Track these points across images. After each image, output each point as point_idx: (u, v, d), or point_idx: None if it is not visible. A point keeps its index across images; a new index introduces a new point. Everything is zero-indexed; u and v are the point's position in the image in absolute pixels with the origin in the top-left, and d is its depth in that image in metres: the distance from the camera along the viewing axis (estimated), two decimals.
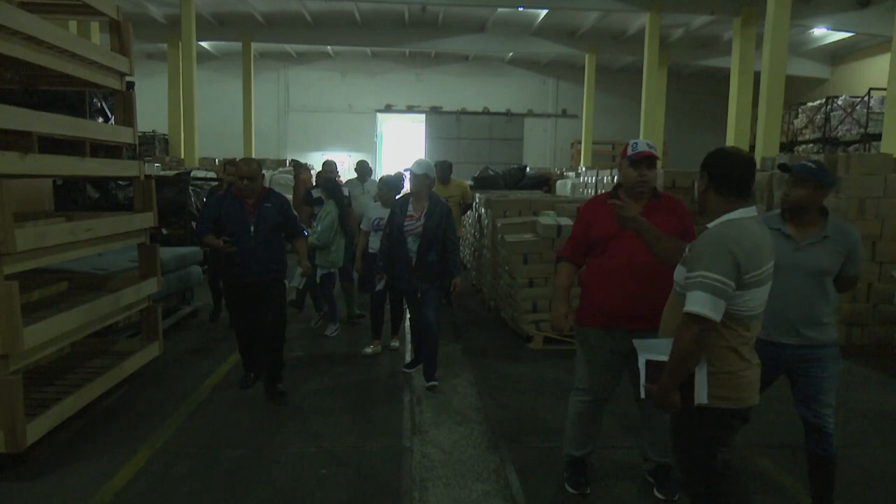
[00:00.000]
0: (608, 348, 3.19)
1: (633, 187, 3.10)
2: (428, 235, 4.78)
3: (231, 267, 4.59)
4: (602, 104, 23.43)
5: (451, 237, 4.88)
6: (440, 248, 4.85)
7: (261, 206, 4.57)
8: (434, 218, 4.79)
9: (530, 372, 5.38)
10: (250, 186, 4.50)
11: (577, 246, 3.27)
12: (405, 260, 4.84)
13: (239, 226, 4.52)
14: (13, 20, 3.27)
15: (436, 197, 4.92)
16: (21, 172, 3.50)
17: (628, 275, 3.04)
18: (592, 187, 13.35)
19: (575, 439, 3.38)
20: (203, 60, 20.51)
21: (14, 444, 3.31)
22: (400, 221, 4.85)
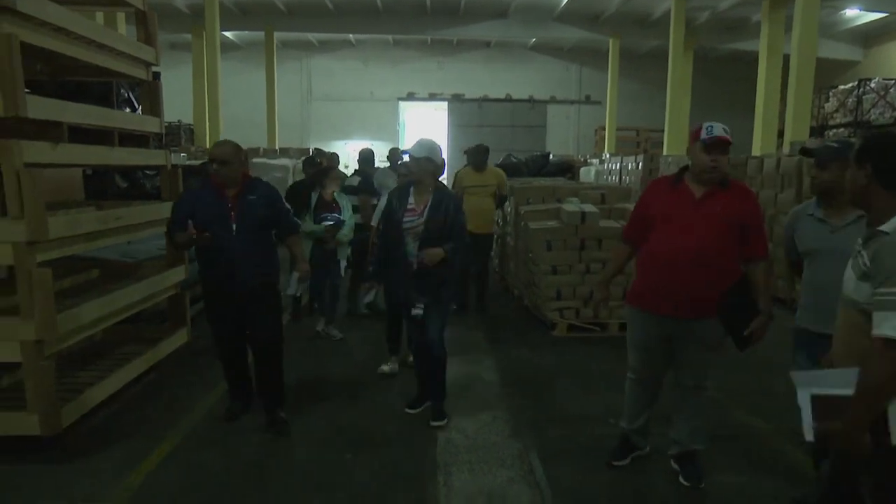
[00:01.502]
0: (651, 331, 3.17)
1: (703, 173, 2.98)
2: (431, 236, 3.82)
3: (211, 272, 3.82)
4: (626, 90, 23.09)
5: (458, 234, 3.89)
6: None
7: (243, 199, 3.73)
8: (440, 214, 3.83)
9: (553, 359, 5.37)
10: (221, 172, 3.68)
11: (634, 227, 3.26)
12: (403, 266, 3.90)
13: (218, 223, 3.67)
14: (43, 12, 3.33)
15: (442, 188, 4.01)
16: (52, 162, 3.57)
17: (678, 260, 2.96)
18: (616, 174, 13.24)
19: (626, 412, 3.47)
20: (227, 50, 20.62)
21: (49, 427, 3.40)
22: (398, 216, 3.90)
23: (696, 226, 2.94)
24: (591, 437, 3.85)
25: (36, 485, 3.25)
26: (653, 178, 10.59)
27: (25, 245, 3.22)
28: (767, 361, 4.42)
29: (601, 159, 15.71)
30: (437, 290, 3.89)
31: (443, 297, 3.92)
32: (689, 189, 3.02)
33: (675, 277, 2.97)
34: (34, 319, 3.31)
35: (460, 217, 3.93)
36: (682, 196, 3.02)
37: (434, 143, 3.95)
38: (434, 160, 3.89)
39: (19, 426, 3.42)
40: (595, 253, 6.07)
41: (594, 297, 3.31)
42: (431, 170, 3.90)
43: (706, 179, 2.97)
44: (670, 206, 3.02)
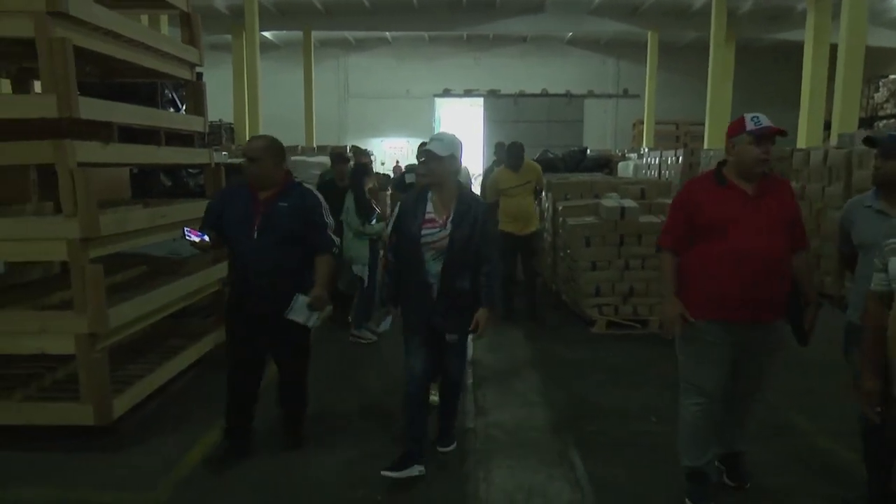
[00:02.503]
0: (726, 343, 2.86)
1: (753, 167, 2.77)
2: (457, 252, 3.16)
3: (234, 281, 3.48)
4: (665, 83, 22.70)
5: (488, 252, 3.24)
6: (472, 272, 3.24)
7: (274, 205, 3.27)
8: (465, 224, 3.16)
9: (593, 356, 5.32)
10: (250, 169, 3.27)
11: (681, 234, 2.92)
12: (422, 288, 3.22)
13: (240, 227, 3.27)
14: (94, 16, 3.43)
15: (467, 193, 3.33)
16: (103, 161, 3.69)
17: (754, 262, 2.74)
18: (656, 168, 13.03)
19: (692, 448, 3.04)
20: (266, 50, 20.96)
21: (102, 417, 3.52)
22: (414, 229, 3.18)
23: (762, 225, 2.77)
24: (631, 434, 3.82)
25: (90, 472, 3.36)
26: (693, 172, 10.39)
27: (79, 242, 3.34)
28: (808, 360, 4.31)
29: (639, 154, 15.49)
30: (464, 318, 3.27)
31: (468, 325, 3.29)
32: (739, 187, 2.82)
33: (754, 280, 2.75)
34: (87, 313, 3.43)
35: (490, 227, 3.36)
36: (735, 195, 2.81)
37: (456, 139, 3.25)
38: (458, 159, 3.25)
39: (74, 416, 3.55)
40: (635, 249, 6.00)
41: (667, 315, 2.94)
42: (454, 171, 3.23)
43: (755, 174, 2.81)
44: (728, 207, 2.78)
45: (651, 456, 3.54)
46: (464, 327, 3.28)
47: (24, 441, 3.59)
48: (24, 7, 3.16)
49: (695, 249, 2.88)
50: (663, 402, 4.25)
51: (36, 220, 3.85)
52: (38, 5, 3.13)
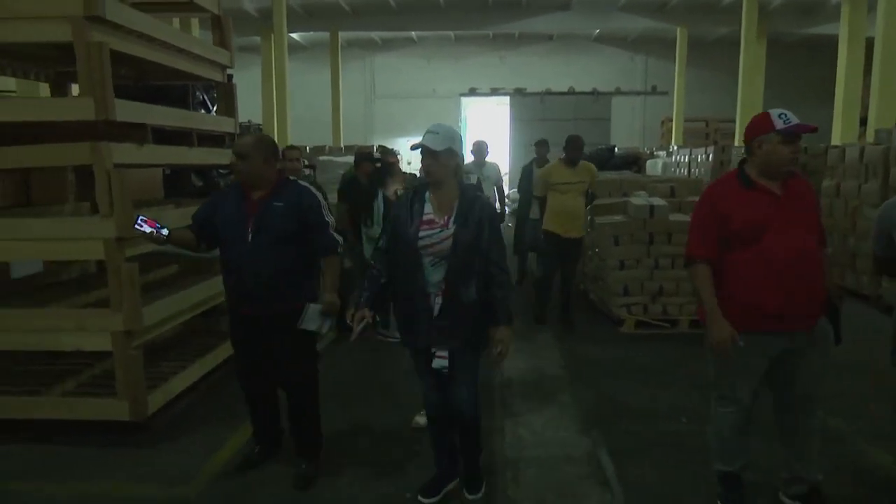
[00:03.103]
0: (762, 353, 2.75)
1: (782, 167, 2.63)
2: (462, 255, 2.78)
3: (226, 287, 3.24)
4: (694, 79, 22.38)
5: (497, 257, 2.85)
6: (479, 279, 2.83)
7: (267, 204, 3.07)
8: (471, 224, 2.79)
9: (621, 356, 5.28)
10: (238, 167, 3.09)
11: (713, 241, 2.73)
12: (421, 301, 2.83)
13: (232, 229, 3.08)
14: (129, 20, 3.51)
15: (471, 190, 2.96)
16: (138, 162, 3.77)
17: (790, 266, 2.61)
18: (685, 166, 12.85)
19: (725, 453, 2.98)
20: (293, 51, 21.15)
21: (137, 412, 3.60)
22: (410, 232, 2.80)
23: (794, 226, 2.65)
24: (661, 435, 3.78)
25: (126, 466, 3.44)
26: (725, 170, 10.23)
27: (115, 241, 3.41)
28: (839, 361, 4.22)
29: (668, 151, 15.30)
30: (470, 333, 2.85)
31: (475, 341, 2.88)
32: (767, 188, 2.68)
33: (793, 285, 2.62)
34: (122, 311, 3.51)
35: (495, 227, 2.89)
36: (764, 197, 2.67)
37: (454, 130, 2.88)
38: (458, 153, 2.87)
39: (110, 411, 3.63)
40: (664, 248, 5.93)
41: (716, 336, 2.71)
42: (454, 166, 2.86)
43: (782, 174, 2.68)
44: (759, 211, 2.64)
45: (682, 456, 3.50)
46: (471, 344, 2.87)
47: (62, 435, 3.69)
48: (62, 12, 3.24)
49: (725, 258, 2.73)
50: (693, 402, 4.20)
51: (74, 221, 3.94)
52: (75, 10, 3.21)
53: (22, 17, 3.30)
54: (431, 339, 2.85)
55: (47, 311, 3.83)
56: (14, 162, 3.60)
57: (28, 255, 3.92)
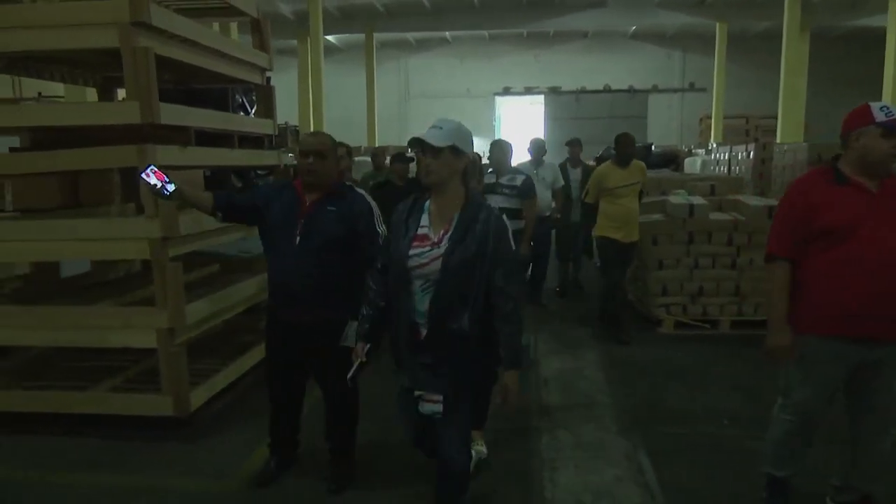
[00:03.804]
0: (842, 360, 2.57)
1: (881, 163, 2.48)
2: (452, 280, 2.33)
3: (271, 287, 3.15)
4: (734, 75, 21.92)
5: (504, 282, 2.37)
6: (477, 307, 2.37)
7: (320, 208, 2.97)
8: (470, 243, 2.33)
9: (660, 357, 5.20)
10: (316, 168, 2.93)
11: (797, 240, 2.59)
12: (405, 330, 2.44)
13: (283, 229, 2.98)
14: (173, 25, 3.59)
15: (477, 200, 2.45)
16: (181, 163, 3.85)
17: (882, 269, 2.45)
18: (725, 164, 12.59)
19: (778, 458, 2.83)
20: (329, 53, 21.38)
21: (180, 408, 3.68)
22: (402, 248, 2.40)
23: (890, 227, 2.48)
24: (702, 437, 3.72)
25: (169, 461, 3.53)
26: (766, 168, 9.99)
27: (160, 241, 3.50)
28: None
29: (707, 149, 15.01)
30: (461, 375, 2.42)
31: (468, 384, 2.45)
32: (862, 184, 2.52)
33: (883, 291, 2.47)
34: (167, 309, 3.59)
35: (504, 244, 2.38)
36: (858, 194, 2.52)
37: (464, 129, 2.40)
38: (463, 152, 2.36)
39: (154, 407, 3.73)
40: (704, 247, 5.82)
41: (773, 343, 2.62)
42: (458, 168, 2.36)
43: (881, 170, 2.50)
44: (851, 208, 2.49)
45: (724, 459, 3.44)
46: (462, 387, 2.43)
47: (108, 429, 3.79)
48: (109, 19, 3.34)
49: (808, 257, 2.59)
50: (734, 404, 4.14)
51: (121, 221, 4.06)
52: (122, 16, 3.30)
53: (71, 24, 3.41)
54: (416, 378, 2.44)
55: (96, 309, 3.95)
56: (66, 164, 3.73)
57: (77, 254, 4.04)
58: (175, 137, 3.83)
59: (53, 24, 3.40)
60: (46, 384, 4.10)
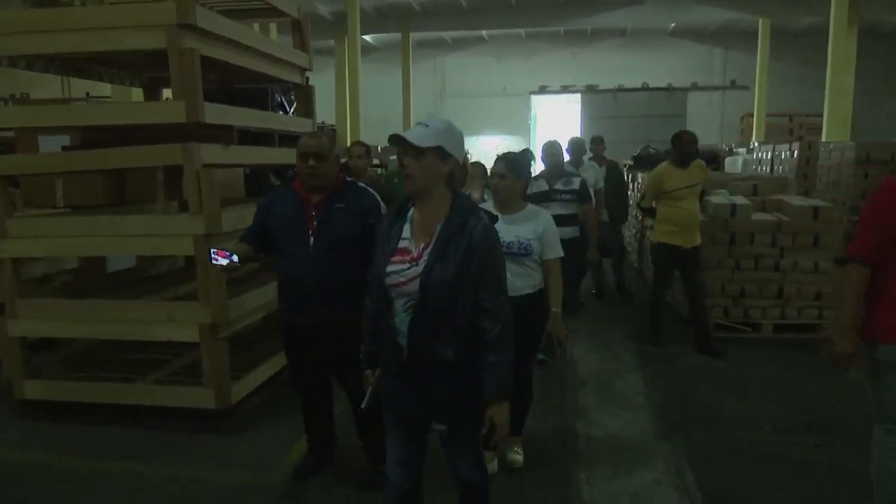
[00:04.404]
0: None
1: None
2: (433, 301, 2.04)
3: (283, 295, 3.10)
4: (777, 72, 21.38)
5: (491, 304, 2.07)
6: (465, 333, 2.07)
7: (329, 206, 2.95)
8: (451, 258, 2.03)
9: (700, 359, 5.11)
10: (318, 170, 2.90)
11: (882, 244, 2.43)
12: (390, 350, 2.16)
13: (293, 235, 2.95)
14: (218, 27, 3.66)
15: (464, 207, 2.10)
16: (224, 162, 3.93)
17: None
18: (767, 163, 12.32)
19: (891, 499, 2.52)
20: (365, 53, 21.55)
21: (221, 401, 3.76)
22: (381, 263, 2.13)
23: None
24: (743, 443, 3.65)
25: (211, 453, 3.61)
26: (811, 167, 9.75)
27: (203, 238, 3.58)
28: None
29: (749, 148, 14.69)
30: (452, 404, 2.15)
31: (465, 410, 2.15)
32: None
33: None
34: (209, 304, 3.67)
35: (496, 264, 2.09)
36: None
37: (451, 126, 2.11)
38: (450, 154, 2.07)
39: (197, 399, 3.81)
40: (746, 248, 5.70)
41: (839, 347, 2.42)
42: (443, 173, 2.07)
43: None
44: None
45: (766, 466, 3.37)
46: (451, 413, 2.16)
47: (150, 421, 3.90)
48: (157, 21, 3.42)
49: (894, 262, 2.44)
50: (776, 410, 4.05)
51: (166, 218, 4.16)
52: (169, 19, 3.38)
53: (120, 26, 3.50)
54: (406, 405, 2.17)
55: (142, 304, 4.06)
56: (114, 163, 3.84)
57: (126, 250, 4.15)
58: (218, 136, 3.91)
59: (104, 27, 3.50)
60: (92, 375, 4.22)
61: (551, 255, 3.18)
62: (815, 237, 5.58)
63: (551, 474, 3.34)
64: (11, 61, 3.99)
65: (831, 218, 5.78)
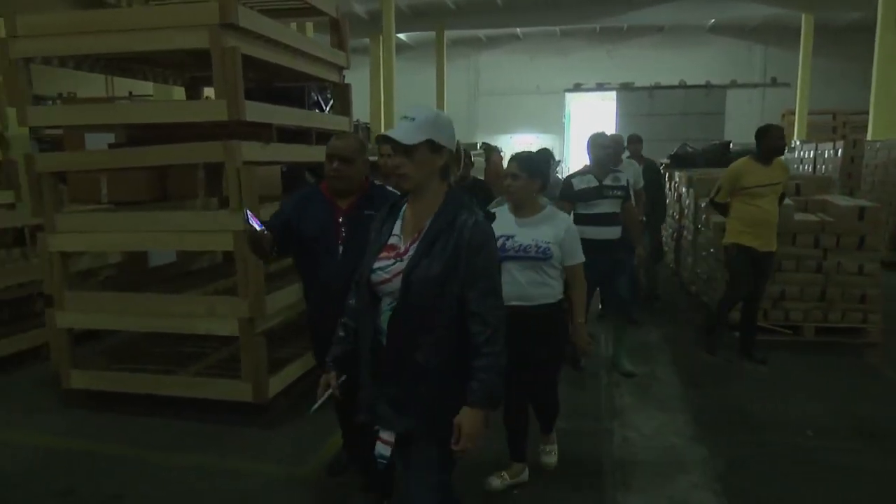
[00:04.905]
0: None
1: None
2: (414, 300, 1.91)
3: (311, 303, 2.97)
4: (820, 69, 20.83)
5: (479, 307, 1.90)
6: (450, 335, 1.93)
7: (358, 213, 2.75)
8: (437, 256, 1.90)
9: (738, 362, 5.01)
10: (343, 173, 2.75)
11: None
12: (367, 350, 2.03)
13: (323, 241, 2.79)
14: (259, 26, 3.72)
15: (455, 203, 1.97)
16: (263, 159, 3.99)
17: None
18: (810, 162, 12.02)
19: None
20: (400, 51, 21.67)
21: (259, 394, 3.82)
22: (369, 258, 2.04)
23: None
24: (784, 448, 3.57)
25: (247, 445, 3.68)
26: (856, 166, 9.48)
27: (243, 233, 3.63)
28: None
29: (791, 147, 14.35)
30: (430, 411, 1.95)
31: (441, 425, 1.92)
32: None
33: None
34: (248, 299, 3.74)
35: (487, 264, 1.93)
36: None
37: (439, 115, 2.00)
38: (442, 146, 1.95)
39: (235, 392, 3.89)
40: (788, 248, 5.56)
41: None
42: (437, 166, 1.96)
43: None
44: None
45: (809, 473, 3.30)
46: (433, 428, 1.95)
47: (189, 413, 3.99)
48: (200, 21, 3.49)
49: None
50: (818, 415, 3.96)
51: (207, 214, 4.24)
52: (212, 19, 3.45)
53: (165, 27, 3.58)
54: (376, 410, 2.01)
55: (183, 298, 4.15)
56: (158, 160, 3.93)
57: (168, 245, 4.25)
58: (258, 134, 3.97)
59: (150, 27, 3.59)
60: (134, 367, 4.33)
61: (573, 261, 3.01)
62: (860, 238, 5.42)
63: (586, 476, 3.31)
64: (62, 61, 4.11)
65: (878, 219, 5.61)
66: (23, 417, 4.12)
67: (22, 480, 3.32)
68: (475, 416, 1.88)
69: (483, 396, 1.89)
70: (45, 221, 3.97)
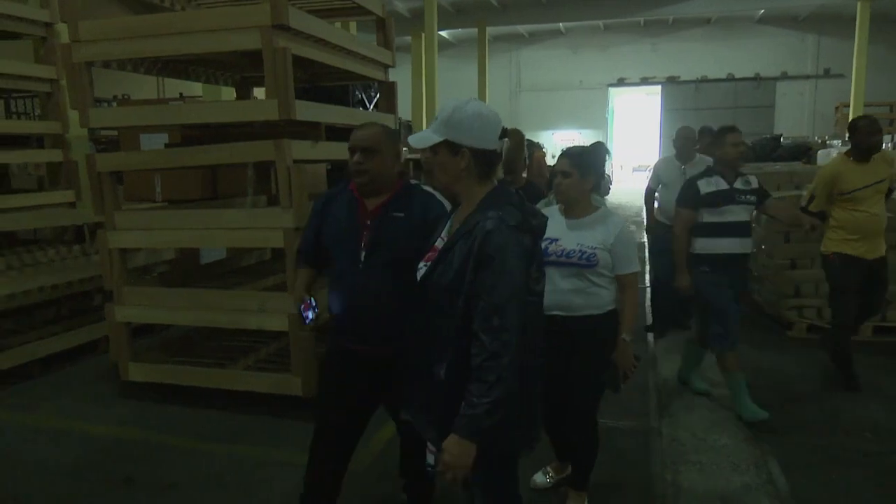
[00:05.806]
0: None
1: None
2: (430, 304, 1.87)
3: (334, 311, 2.57)
4: (876, 59, 20.04)
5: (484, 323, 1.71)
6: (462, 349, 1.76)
7: (386, 215, 2.40)
8: (454, 262, 1.79)
9: (790, 363, 4.88)
10: (364, 166, 2.36)
11: None
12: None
13: (343, 245, 2.45)
14: (309, 27, 3.78)
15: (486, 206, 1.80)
16: (312, 157, 4.06)
17: None
18: None
19: None
20: (441, 48, 21.72)
21: (307, 389, 3.89)
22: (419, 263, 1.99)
23: None
24: (842, 450, 3.47)
25: (299, 438, 3.72)
26: None
27: (293, 231, 3.71)
28: None
29: (844, 140, 13.86)
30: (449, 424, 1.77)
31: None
32: None
33: None
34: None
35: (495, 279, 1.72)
36: None
37: (455, 109, 1.81)
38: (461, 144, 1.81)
39: (284, 386, 3.96)
40: None
41: None
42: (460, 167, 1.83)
43: None
44: None
45: (866, 475, 3.21)
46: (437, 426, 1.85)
47: (240, 406, 4.09)
48: (252, 23, 3.57)
49: None
50: (876, 416, 3.83)
51: (258, 212, 4.34)
52: (264, 20, 3.52)
53: (218, 29, 3.67)
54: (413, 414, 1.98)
55: (235, 294, 4.25)
56: (211, 159, 4.04)
57: (221, 242, 4.35)
58: (306, 133, 4.04)
59: (204, 30, 3.69)
60: (187, 360, 4.46)
61: (626, 269, 2.71)
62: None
63: (637, 475, 3.28)
64: (120, 64, 4.25)
65: None
66: (83, 408, 4.28)
67: (83, 469, 3.46)
68: (460, 445, 1.72)
69: (466, 428, 1.71)
70: (106, 219, 4.13)
